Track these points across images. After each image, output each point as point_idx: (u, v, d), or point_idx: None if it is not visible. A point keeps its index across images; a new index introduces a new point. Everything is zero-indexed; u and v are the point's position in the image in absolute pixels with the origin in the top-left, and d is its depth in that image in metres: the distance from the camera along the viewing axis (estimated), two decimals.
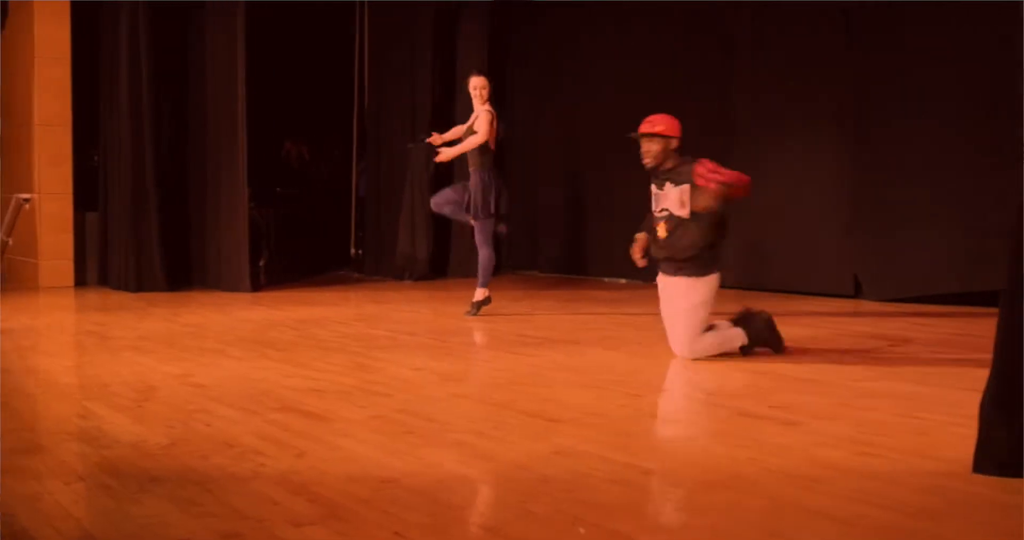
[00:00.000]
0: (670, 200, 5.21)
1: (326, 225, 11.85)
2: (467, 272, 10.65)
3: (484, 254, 7.22)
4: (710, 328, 5.20)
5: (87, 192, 9.60)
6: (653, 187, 5.39)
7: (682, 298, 5.14)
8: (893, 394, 4.31)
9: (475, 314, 7.10)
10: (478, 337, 6.37)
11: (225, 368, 5.03)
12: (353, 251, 11.74)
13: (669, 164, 5.28)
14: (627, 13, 9.83)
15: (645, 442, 3.48)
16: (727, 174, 5.11)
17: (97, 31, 9.53)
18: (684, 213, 5.14)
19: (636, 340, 5.94)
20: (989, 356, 3.00)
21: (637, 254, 5.38)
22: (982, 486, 2.89)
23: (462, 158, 7.53)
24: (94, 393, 4.39)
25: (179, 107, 9.71)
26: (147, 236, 9.16)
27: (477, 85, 7.27)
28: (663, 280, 5.32)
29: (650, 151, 5.27)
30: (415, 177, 10.39)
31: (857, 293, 8.21)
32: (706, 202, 5.02)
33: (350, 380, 4.68)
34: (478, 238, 7.25)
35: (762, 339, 5.25)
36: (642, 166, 5.35)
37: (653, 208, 5.37)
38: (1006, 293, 2.94)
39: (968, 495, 2.83)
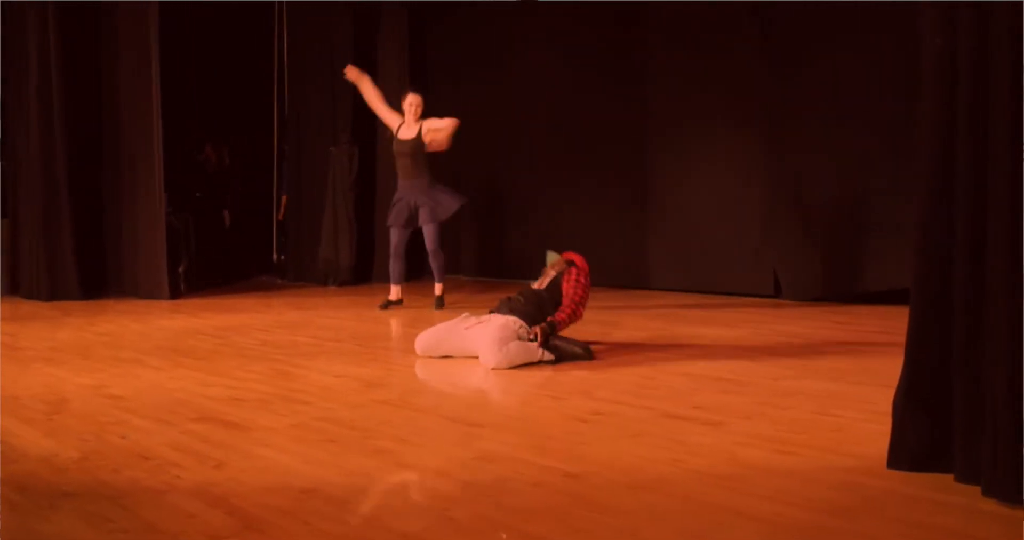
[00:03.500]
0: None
1: (248, 230, 11.67)
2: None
3: (443, 258, 8.12)
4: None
5: None
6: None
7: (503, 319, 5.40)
8: (810, 392, 4.38)
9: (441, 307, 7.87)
10: (401, 343, 6.33)
11: (141, 378, 4.91)
12: (275, 256, 11.59)
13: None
14: (547, 12, 9.87)
15: (567, 445, 3.48)
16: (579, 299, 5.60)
17: (2, 33, 9.26)
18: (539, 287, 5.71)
19: None
20: (902, 353, 3.07)
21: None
22: (896, 481, 2.95)
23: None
24: (3, 406, 4.25)
25: (91, 110, 9.47)
26: (60, 243, 8.92)
27: (414, 102, 7.96)
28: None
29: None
30: (337, 181, 10.30)
31: (777, 293, 8.35)
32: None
33: (270, 388, 4.60)
34: (437, 244, 7.98)
35: (568, 354, 5.32)
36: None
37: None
38: (915, 290, 3.01)
39: (882, 491, 2.88)
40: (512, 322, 5.30)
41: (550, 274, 5.75)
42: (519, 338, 5.23)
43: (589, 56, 9.66)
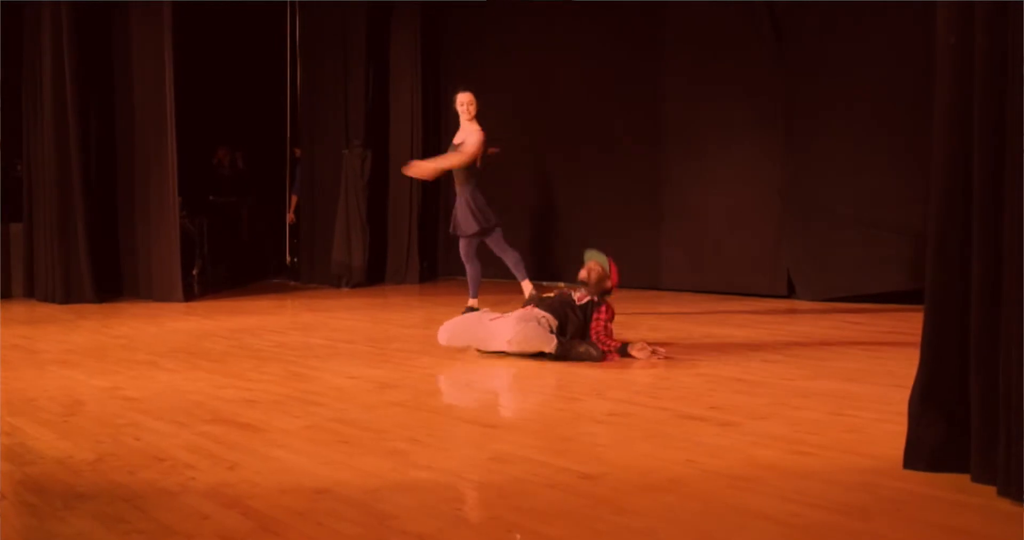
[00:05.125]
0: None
1: (261, 233, 11.71)
2: (404, 279, 10.61)
3: (473, 270, 7.34)
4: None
5: (11, 202, 9.38)
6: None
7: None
8: (825, 392, 4.36)
9: None
10: (416, 344, 6.33)
11: (156, 380, 4.92)
12: (288, 259, 11.62)
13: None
14: (559, 12, 9.87)
15: (582, 446, 3.47)
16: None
17: (19, 37, 9.31)
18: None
19: None
20: (917, 353, 3.05)
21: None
22: (912, 482, 2.93)
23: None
24: (19, 408, 4.26)
25: (105, 114, 9.53)
26: (75, 246, 8.96)
27: (464, 101, 7.17)
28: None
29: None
30: (350, 183, 10.32)
31: (791, 294, 8.32)
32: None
33: (284, 390, 4.61)
34: (465, 254, 7.32)
35: (581, 354, 5.31)
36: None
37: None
38: (930, 290, 2.99)
39: (898, 491, 2.86)
40: (536, 312, 5.39)
41: (585, 294, 5.61)
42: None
43: (603, 56, 9.66)
